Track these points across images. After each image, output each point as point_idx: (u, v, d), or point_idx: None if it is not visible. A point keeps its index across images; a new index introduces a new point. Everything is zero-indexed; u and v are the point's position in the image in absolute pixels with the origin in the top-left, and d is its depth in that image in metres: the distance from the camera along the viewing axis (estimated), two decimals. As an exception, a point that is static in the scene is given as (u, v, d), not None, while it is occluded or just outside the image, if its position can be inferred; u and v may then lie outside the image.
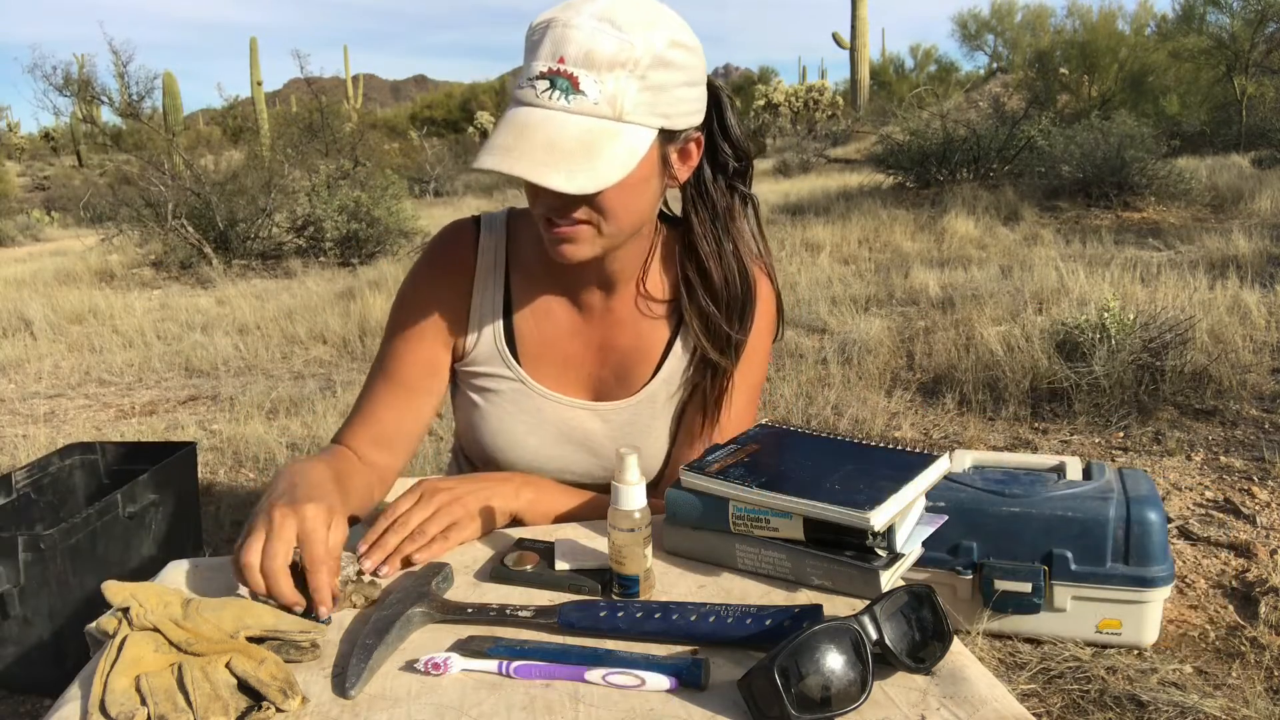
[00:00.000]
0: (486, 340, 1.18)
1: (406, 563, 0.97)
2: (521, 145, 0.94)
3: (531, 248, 1.19)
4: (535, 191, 1.00)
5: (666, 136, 1.02)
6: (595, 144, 0.94)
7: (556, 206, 1.00)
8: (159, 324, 6.07)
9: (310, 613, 0.84)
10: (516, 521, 1.09)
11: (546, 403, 1.18)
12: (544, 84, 0.95)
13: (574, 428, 1.19)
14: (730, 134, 1.12)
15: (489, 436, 1.21)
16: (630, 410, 1.19)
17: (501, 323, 1.18)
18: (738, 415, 1.20)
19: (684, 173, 1.09)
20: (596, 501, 1.13)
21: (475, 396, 1.21)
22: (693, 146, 1.07)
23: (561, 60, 0.95)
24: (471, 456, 1.27)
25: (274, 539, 0.85)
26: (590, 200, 0.99)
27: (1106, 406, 3.36)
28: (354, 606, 0.88)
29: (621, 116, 0.96)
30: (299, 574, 0.86)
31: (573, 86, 0.94)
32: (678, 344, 1.19)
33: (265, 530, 0.86)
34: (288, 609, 0.84)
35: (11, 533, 1.90)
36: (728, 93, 1.12)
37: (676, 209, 1.20)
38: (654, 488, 1.13)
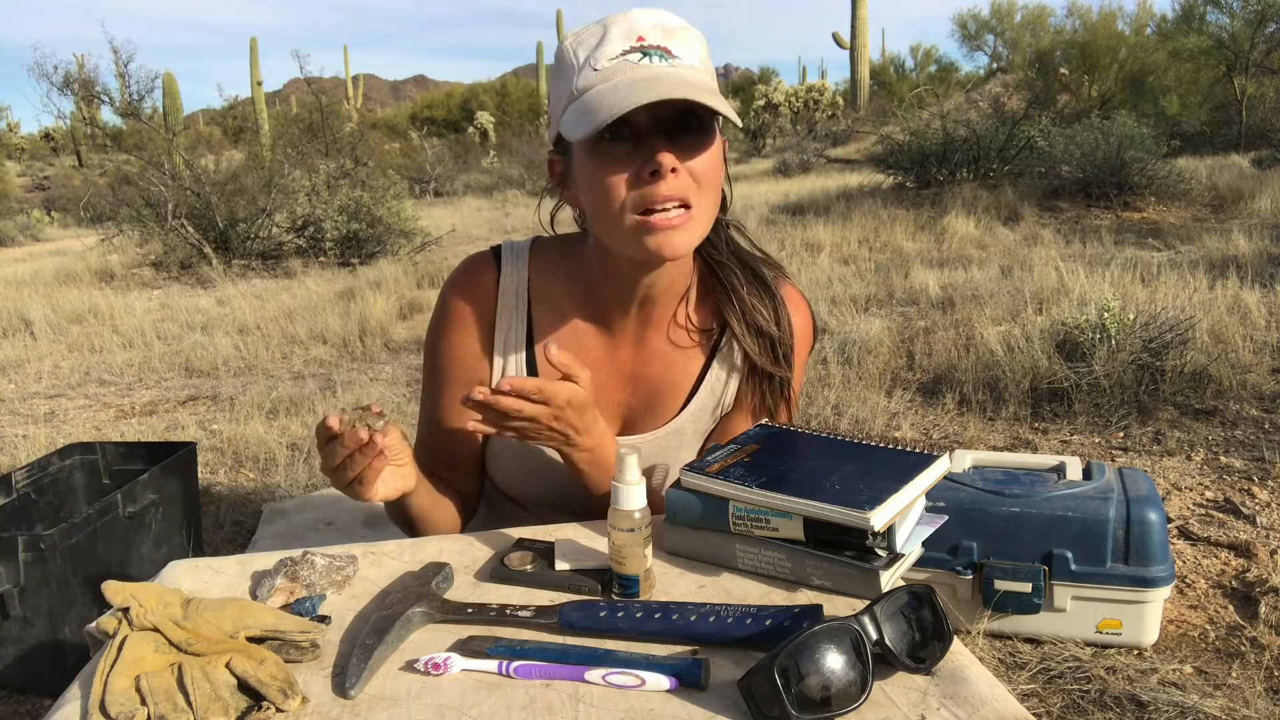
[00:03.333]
0: (510, 376, 1.16)
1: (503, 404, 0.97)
2: (657, 86, 0.91)
3: (561, 279, 1.16)
4: (632, 177, 0.96)
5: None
6: (713, 89, 0.97)
7: (668, 183, 0.95)
8: (159, 324, 6.07)
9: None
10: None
11: None
12: (636, 55, 0.96)
13: None
14: None
15: (514, 470, 1.20)
16: (658, 442, 1.18)
17: (524, 359, 1.16)
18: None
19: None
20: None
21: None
22: (724, 145, 1.09)
23: (641, 39, 0.97)
24: (496, 481, 1.26)
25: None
26: (693, 166, 0.97)
27: (1106, 406, 3.36)
28: (345, 425, 0.92)
29: (713, 78, 1.00)
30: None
31: (666, 53, 0.97)
32: (710, 375, 1.18)
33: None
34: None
35: (11, 533, 1.90)
36: None
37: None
38: None
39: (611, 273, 1.10)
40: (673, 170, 0.94)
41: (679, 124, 0.96)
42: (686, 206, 0.97)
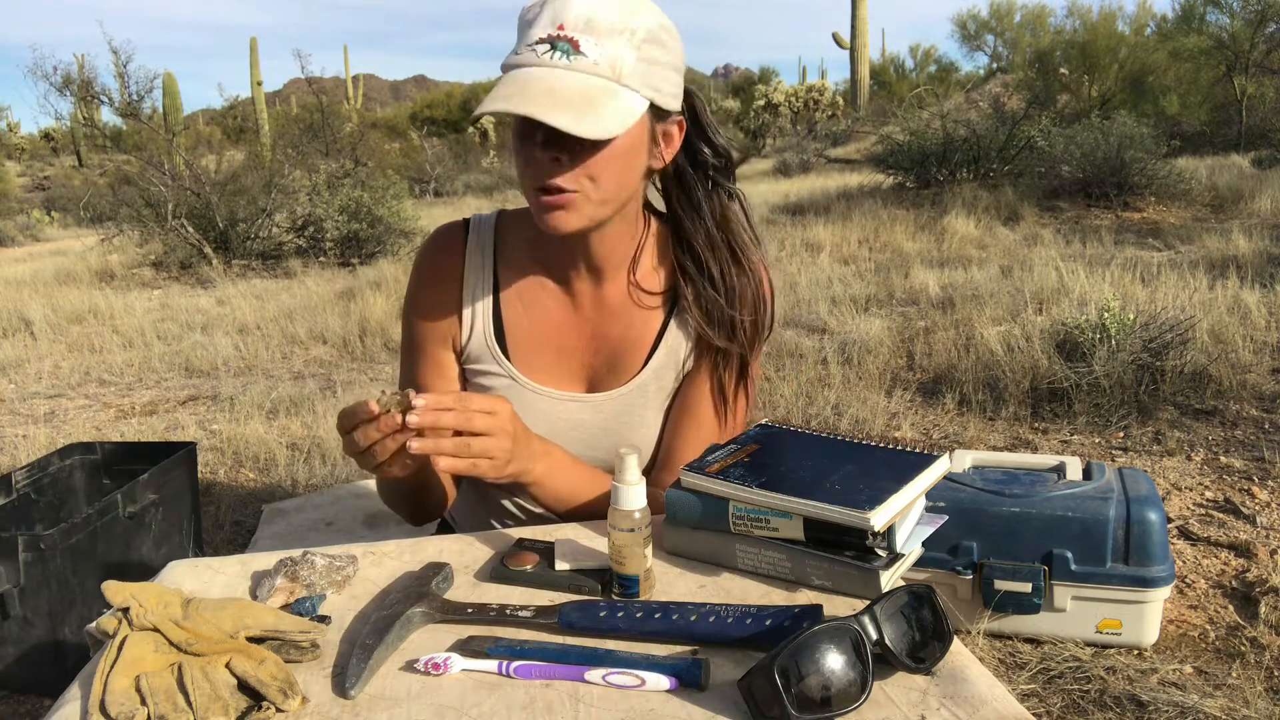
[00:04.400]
0: (478, 337, 1.21)
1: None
2: (525, 93, 0.97)
3: (523, 243, 1.21)
4: (528, 158, 1.03)
5: (655, 113, 1.06)
6: (596, 97, 0.98)
7: (550, 169, 1.02)
8: (159, 324, 6.07)
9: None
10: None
11: (538, 398, 1.19)
12: (544, 47, 1.00)
13: (565, 420, 1.20)
14: (706, 134, 1.17)
15: None
16: (621, 400, 1.20)
17: (491, 319, 1.20)
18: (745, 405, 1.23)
19: (668, 154, 1.12)
20: (601, 480, 1.15)
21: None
22: (674, 129, 1.12)
23: (561, 27, 1.00)
24: None
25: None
26: (584, 159, 1.02)
27: (1106, 406, 3.36)
28: (384, 408, 0.94)
29: (620, 79, 1.00)
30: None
31: (573, 48, 0.99)
32: (669, 334, 1.20)
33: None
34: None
35: (11, 533, 1.90)
36: (700, 96, 1.17)
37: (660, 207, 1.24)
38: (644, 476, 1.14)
39: (554, 238, 1.13)
40: (556, 159, 1.01)
41: None
42: (570, 191, 1.03)
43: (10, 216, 17.47)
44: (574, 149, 1.01)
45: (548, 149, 1.01)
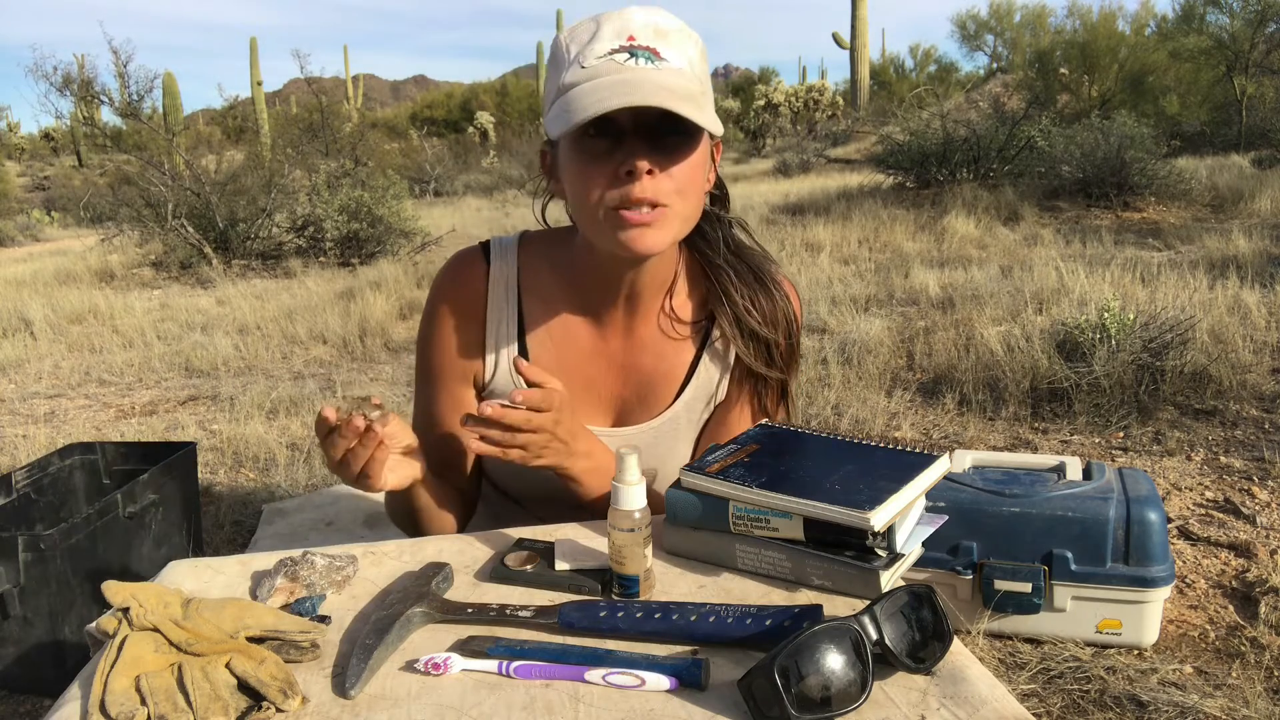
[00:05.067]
0: (503, 373, 1.17)
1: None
2: (639, 90, 0.92)
3: (549, 270, 1.17)
4: (611, 177, 0.97)
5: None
6: (697, 96, 0.97)
7: (644, 184, 0.96)
8: (159, 324, 6.07)
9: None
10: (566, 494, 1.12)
11: None
12: (623, 55, 0.97)
13: None
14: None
15: (513, 466, 1.20)
16: (652, 432, 1.18)
17: (516, 351, 1.16)
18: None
19: (712, 175, 1.11)
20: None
21: None
22: (715, 150, 1.10)
23: (631, 38, 0.98)
24: (493, 478, 1.26)
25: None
26: (673, 173, 0.98)
27: (1106, 406, 3.36)
28: (342, 414, 0.93)
29: (702, 82, 1.00)
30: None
31: (654, 55, 0.97)
32: (702, 366, 1.18)
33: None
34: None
35: (11, 533, 1.90)
36: None
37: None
38: None
39: (596, 266, 1.11)
40: (649, 172, 0.96)
41: (661, 127, 0.96)
42: (661, 206, 0.98)
43: (10, 216, 17.46)
44: (664, 162, 0.97)
45: (646, 161, 0.95)
